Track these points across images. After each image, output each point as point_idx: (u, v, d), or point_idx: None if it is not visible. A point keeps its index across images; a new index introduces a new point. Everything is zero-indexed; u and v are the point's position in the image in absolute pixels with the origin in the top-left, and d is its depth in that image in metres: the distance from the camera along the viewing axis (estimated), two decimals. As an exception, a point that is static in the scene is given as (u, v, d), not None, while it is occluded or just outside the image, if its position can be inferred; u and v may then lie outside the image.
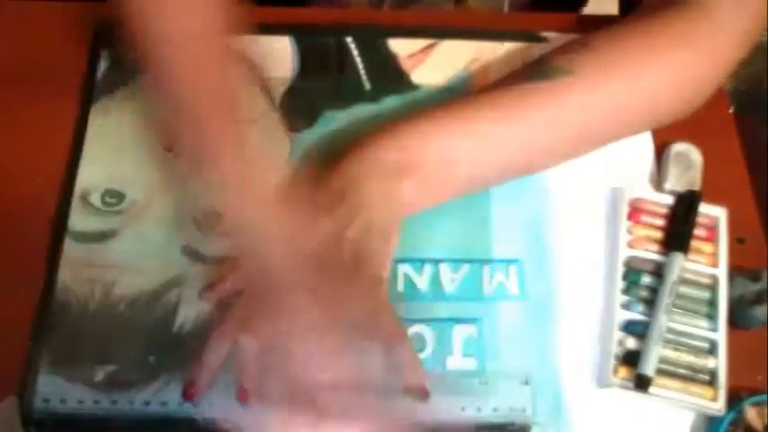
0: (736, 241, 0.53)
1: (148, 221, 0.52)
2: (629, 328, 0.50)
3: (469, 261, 0.52)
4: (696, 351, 0.49)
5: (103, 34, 0.59)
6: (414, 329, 0.50)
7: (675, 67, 0.50)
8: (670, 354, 0.49)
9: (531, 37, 0.60)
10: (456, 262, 0.52)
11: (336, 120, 0.57)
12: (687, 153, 0.55)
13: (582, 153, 0.52)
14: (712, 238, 0.52)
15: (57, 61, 0.58)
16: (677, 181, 0.54)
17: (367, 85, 0.58)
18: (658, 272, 0.51)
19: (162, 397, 0.47)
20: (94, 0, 0.60)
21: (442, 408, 0.48)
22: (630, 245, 0.52)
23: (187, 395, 0.45)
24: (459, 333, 0.50)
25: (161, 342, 0.49)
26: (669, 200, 0.53)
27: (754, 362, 0.50)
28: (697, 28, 0.49)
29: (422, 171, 0.48)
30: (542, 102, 0.48)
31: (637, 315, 0.50)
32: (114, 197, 0.53)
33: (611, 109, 0.49)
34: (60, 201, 0.53)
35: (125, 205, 0.53)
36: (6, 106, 0.55)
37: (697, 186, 0.54)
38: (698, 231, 0.52)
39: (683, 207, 0.52)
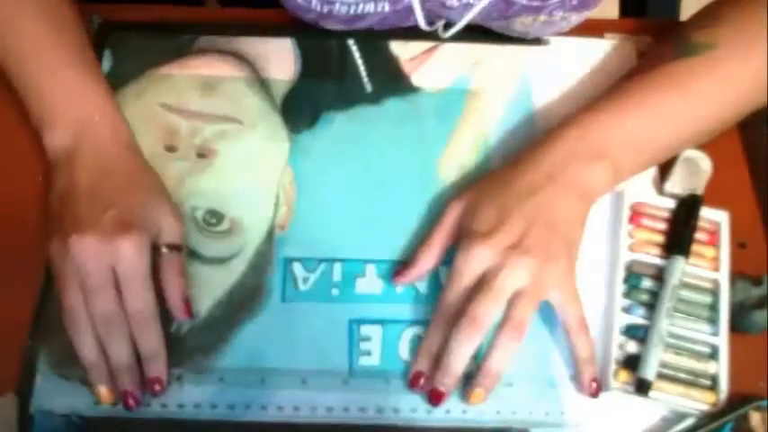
0: (738, 246, 0.53)
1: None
2: (630, 331, 0.50)
3: (470, 263, 0.52)
4: (697, 355, 0.49)
5: (105, 34, 0.59)
6: (414, 330, 0.50)
7: None
8: (671, 358, 0.49)
9: (531, 39, 0.60)
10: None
11: (337, 121, 0.57)
12: (696, 160, 0.55)
13: (733, 122, 0.55)
14: (714, 242, 0.52)
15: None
16: (679, 185, 0.54)
17: (368, 88, 0.58)
18: (659, 275, 0.51)
19: (162, 396, 0.47)
20: (95, 0, 0.60)
21: (444, 410, 0.48)
22: (631, 248, 0.52)
23: (412, 383, 0.48)
24: (459, 335, 0.50)
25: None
26: (671, 203, 0.53)
27: (756, 367, 0.50)
28: None
29: (612, 156, 0.50)
30: (700, 77, 0.51)
31: (638, 319, 0.50)
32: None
33: (758, 77, 0.51)
34: (61, 201, 0.53)
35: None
36: (7, 105, 0.55)
37: (700, 191, 0.54)
38: (699, 235, 0.52)
39: (685, 211, 0.52)
